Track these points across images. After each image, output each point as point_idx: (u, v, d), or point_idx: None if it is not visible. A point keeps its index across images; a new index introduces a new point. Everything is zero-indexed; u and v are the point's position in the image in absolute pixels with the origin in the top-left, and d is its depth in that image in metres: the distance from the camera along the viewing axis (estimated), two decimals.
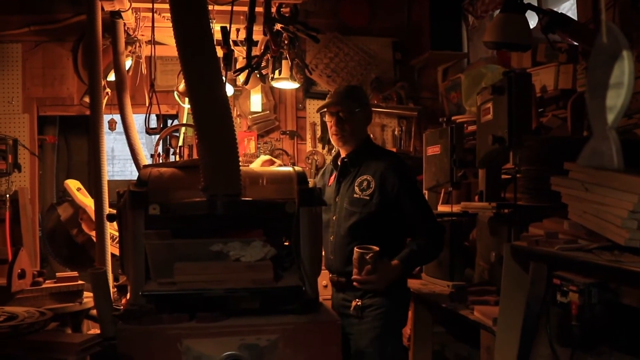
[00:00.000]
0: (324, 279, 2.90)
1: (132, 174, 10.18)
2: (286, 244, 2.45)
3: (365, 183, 2.76)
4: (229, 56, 2.81)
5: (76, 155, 5.82)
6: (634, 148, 2.13)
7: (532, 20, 2.98)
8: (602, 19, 0.79)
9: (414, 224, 2.72)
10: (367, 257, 2.57)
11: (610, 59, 0.77)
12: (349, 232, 2.73)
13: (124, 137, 3.33)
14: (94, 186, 2.62)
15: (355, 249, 2.61)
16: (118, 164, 12.30)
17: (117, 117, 4.17)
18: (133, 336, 2.04)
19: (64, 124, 5.32)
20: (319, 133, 4.96)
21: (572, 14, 3.58)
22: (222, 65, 2.74)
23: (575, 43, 2.77)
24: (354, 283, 2.62)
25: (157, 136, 5.32)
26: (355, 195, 2.75)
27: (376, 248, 2.59)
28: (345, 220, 2.75)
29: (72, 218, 3.50)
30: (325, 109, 2.81)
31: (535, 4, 3.97)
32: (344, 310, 2.74)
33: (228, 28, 2.83)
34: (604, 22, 0.79)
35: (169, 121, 5.08)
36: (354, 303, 2.71)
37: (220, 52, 2.61)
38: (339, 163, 2.87)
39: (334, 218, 2.80)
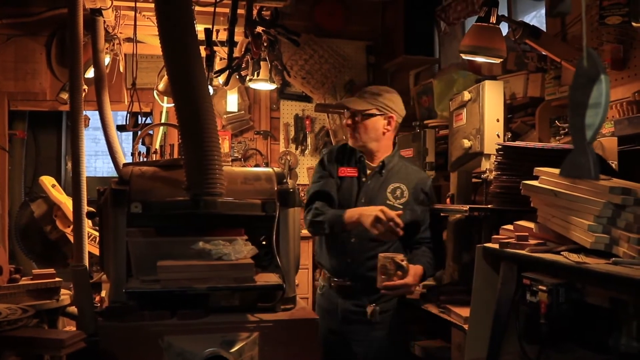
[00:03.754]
0: (297, 278, 2.96)
1: (96, 169, 10.03)
2: (264, 243, 2.51)
3: (398, 191, 2.77)
4: (211, 57, 2.85)
5: (44, 151, 5.77)
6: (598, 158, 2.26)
7: (503, 28, 3.09)
8: (583, 45, 0.87)
9: (426, 238, 2.82)
10: (401, 262, 2.52)
11: (589, 82, 0.86)
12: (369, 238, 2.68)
13: (87, 133, 3.31)
14: (73, 183, 2.63)
15: (385, 255, 2.56)
16: None
17: (89, 114, 4.16)
18: (115, 333, 2.07)
19: (33, 119, 5.26)
20: (292, 134, 5.02)
21: (537, 22, 3.72)
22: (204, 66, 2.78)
23: (545, 53, 2.89)
24: (383, 290, 2.55)
25: (125, 133, 5.30)
26: (388, 202, 2.73)
27: (401, 255, 2.58)
28: None
29: (46, 215, 3.48)
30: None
31: (506, 13, 4.11)
32: (354, 317, 2.73)
33: (210, 29, 2.87)
34: (585, 48, 0.87)
35: (142, 119, 5.07)
36: (370, 308, 2.69)
37: (202, 53, 2.64)
38: (358, 160, 2.84)
39: None
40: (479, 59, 2.96)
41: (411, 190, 2.79)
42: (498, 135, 2.92)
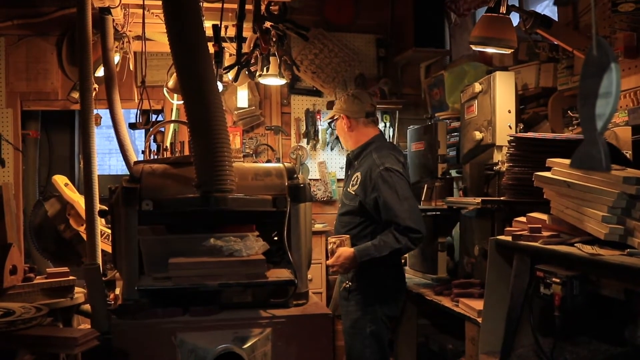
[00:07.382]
0: (310, 273, 3.01)
1: (110, 167, 10.06)
2: (275, 238, 2.51)
3: (355, 179, 3.06)
4: (219, 54, 2.84)
5: (57, 150, 5.79)
6: (611, 148, 2.23)
7: (514, 18, 3.06)
8: (593, 33, 0.85)
9: (387, 219, 2.89)
10: (330, 244, 2.98)
11: (599, 71, 0.83)
12: (340, 220, 3.14)
13: (100, 131, 3.34)
14: (84, 181, 2.64)
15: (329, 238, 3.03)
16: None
17: (101, 112, 4.17)
18: (128, 330, 2.08)
19: (45, 119, 5.29)
20: (303, 129, 5.00)
21: (549, 11, 3.67)
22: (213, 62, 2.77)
23: (556, 42, 2.85)
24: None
25: (138, 131, 5.29)
26: (348, 189, 3.09)
27: (345, 236, 2.95)
28: (340, 209, 3.18)
29: (59, 213, 3.49)
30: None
31: (517, 2, 4.06)
32: (341, 291, 3.08)
33: (218, 25, 2.86)
34: (594, 36, 0.85)
35: (153, 116, 5.07)
36: (344, 284, 3.03)
37: (210, 49, 2.63)
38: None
39: (339, 206, 3.25)
40: (490, 50, 2.93)
41: (362, 178, 3.01)
42: (510, 127, 2.89)
